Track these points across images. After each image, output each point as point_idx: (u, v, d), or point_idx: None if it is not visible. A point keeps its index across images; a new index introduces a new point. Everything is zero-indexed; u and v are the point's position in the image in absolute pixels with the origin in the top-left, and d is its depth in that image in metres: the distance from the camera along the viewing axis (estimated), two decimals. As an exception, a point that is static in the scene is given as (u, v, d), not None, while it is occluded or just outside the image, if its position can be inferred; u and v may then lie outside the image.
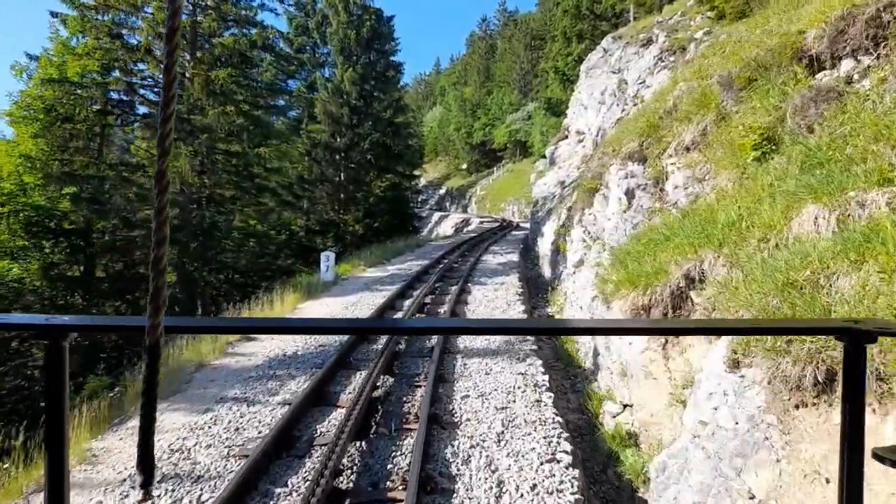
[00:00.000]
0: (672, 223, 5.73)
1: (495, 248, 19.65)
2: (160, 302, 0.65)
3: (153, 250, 0.64)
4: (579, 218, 9.22)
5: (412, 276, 12.76)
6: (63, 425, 0.84)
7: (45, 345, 0.83)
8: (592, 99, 22.51)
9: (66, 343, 0.84)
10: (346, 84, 29.47)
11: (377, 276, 13.45)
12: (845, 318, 1.08)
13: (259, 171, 20.22)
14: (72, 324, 0.87)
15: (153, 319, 0.64)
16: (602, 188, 8.58)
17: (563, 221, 14.71)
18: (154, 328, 0.65)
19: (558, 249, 13.55)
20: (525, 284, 12.24)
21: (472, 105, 72.87)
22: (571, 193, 17.48)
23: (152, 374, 0.67)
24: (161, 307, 0.65)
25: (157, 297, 0.64)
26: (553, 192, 22.35)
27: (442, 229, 53.17)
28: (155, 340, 0.65)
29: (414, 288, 11.38)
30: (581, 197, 9.22)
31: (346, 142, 29.07)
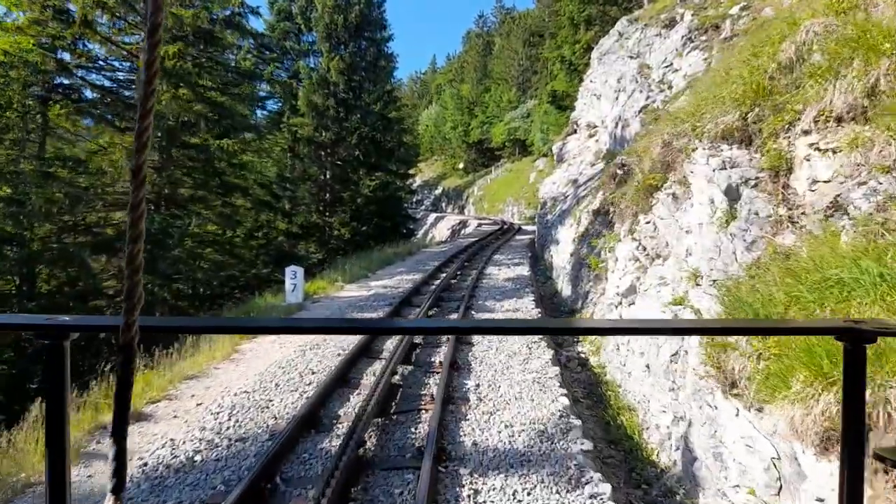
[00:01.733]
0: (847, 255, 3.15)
1: (499, 256, 17.04)
2: (135, 300, 0.63)
3: (127, 247, 0.62)
4: (628, 227, 6.62)
5: (400, 296, 10.17)
6: (64, 425, 0.84)
7: (46, 345, 0.83)
8: (607, 87, 19.94)
9: (66, 343, 0.84)
10: (333, 74, 26.79)
11: (356, 298, 10.81)
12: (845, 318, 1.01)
13: (224, 167, 17.50)
14: (73, 324, 0.87)
15: (128, 318, 0.63)
16: (669, 184, 6.00)
17: (586, 227, 12.13)
18: (128, 327, 0.64)
19: (584, 263, 10.95)
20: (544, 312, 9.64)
21: (468, 103, 70.40)
22: (591, 193, 14.90)
23: (126, 375, 0.66)
24: (136, 305, 0.63)
25: (131, 295, 0.63)
26: (563, 192, 19.77)
27: (438, 231, 50.66)
28: (129, 340, 0.64)
29: (401, 317, 8.78)
30: (633, 198, 6.60)
31: (331, 136, 26.39)
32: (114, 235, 14.37)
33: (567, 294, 11.59)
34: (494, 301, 9.65)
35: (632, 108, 16.26)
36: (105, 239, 13.98)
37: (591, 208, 12.66)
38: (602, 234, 10.80)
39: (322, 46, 27.13)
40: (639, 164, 11.64)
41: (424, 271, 13.75)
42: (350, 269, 14.31)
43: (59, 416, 0.84)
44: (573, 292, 11.24)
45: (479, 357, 6.41)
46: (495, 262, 15.45)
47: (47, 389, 0.83)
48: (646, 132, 14.42)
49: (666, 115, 8.70)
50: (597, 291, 8.86)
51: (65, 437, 0.84)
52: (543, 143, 51.44)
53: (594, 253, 9.88)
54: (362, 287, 12.04)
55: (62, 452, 0.84)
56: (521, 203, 52.94)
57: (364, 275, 13.76)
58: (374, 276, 13.58)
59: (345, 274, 13.29)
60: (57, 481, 0.83)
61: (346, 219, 25.86)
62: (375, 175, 26.70)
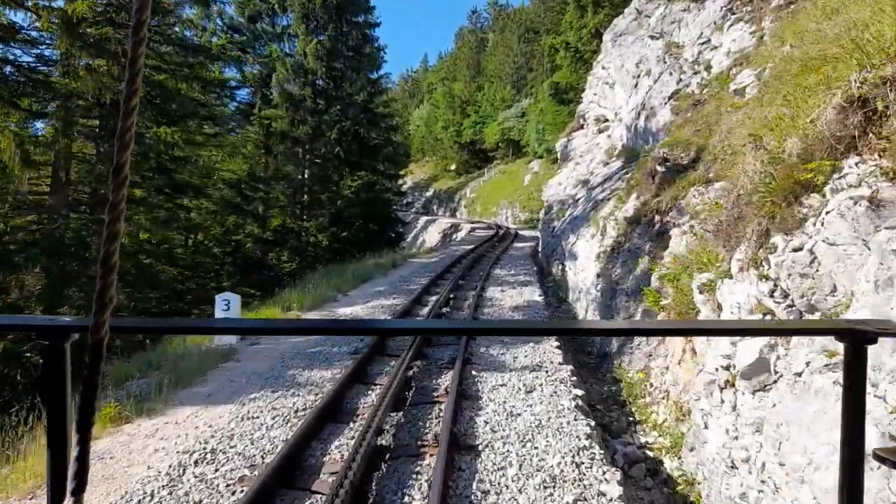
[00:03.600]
0: None
1: (500, 271, 14.20)
2: (106, 300, 0.62)
3: (103, 246, 0.61)
4: (748, 254, 3.79)
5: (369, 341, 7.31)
6: (65, 427, 0.84)
7: (46, 346, 0.83)
8: (623, 73, 17.21)
9: (66, 344, 0.84)
10: (310, 60, 23.86)
11: (316, 336, 7.92)
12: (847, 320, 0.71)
13: (170, 162, 14.51)
14: (73, 324, 0.86)
15: (98, 318, 0.62)
16: (835, 183, 3.18)
17: (617, 240, 9.33)
18: (98, 327, 0.62)
19: (620, 290, 8.14)
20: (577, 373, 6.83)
21: (461, 101, 67.73)
22: (613, 196, 12.12)
23: (93, 375, 0.64)
24: (107, 305, 0.62)
25: (103, 294, 0.62)
26: (572, 194, 17.00)
27: (429, 236, 47.83)
28: (98, 340, 0.63)
29: (366, 380, 5.89)
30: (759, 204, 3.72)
31: (308, 131, 23.43)
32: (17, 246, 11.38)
33: (595, 329, 8.78)
34: (503, 350, 6.79)
35: (659, 93, 13.53)
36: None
37: (622, 215, 9.87)
38: (646, 252, 8.00)
39: (298, 29, 24.19)
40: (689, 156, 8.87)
41: (409, 293, 10.88)
42: (316, 288, 11.40)
43: (60, 418, 0.84)
44: (605, 327, 8.42)
45: (494, 462, 3.61)
46: (496, 280, 12.60)
47: (48, 391, 0.83)
48: (683, 121, 11.69)
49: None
50: (663, 351, 6.02)
51: (67, 439, 0.84)
52: (539, 143, 48.93)
53: (646, 282, 7.07)
54: (325, 317, 9.15)
55: (63, 454, 0.83)
56: (516, 206, 50.39)
57: (332, 297, 10.85)
58: (343, 300, 10.68)
59: (306, 297, 10.38)
60: (58, 483, 0.83)
61: (324, 223, 22.91)
62: (358, 175, 23.77)
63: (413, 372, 6.07)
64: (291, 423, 4.69)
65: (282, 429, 4.58)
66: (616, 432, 5.30)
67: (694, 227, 6.98)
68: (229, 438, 4.39)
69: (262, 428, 4.61)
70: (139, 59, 0.60)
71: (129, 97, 0.60)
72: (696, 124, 10.17)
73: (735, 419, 3.88)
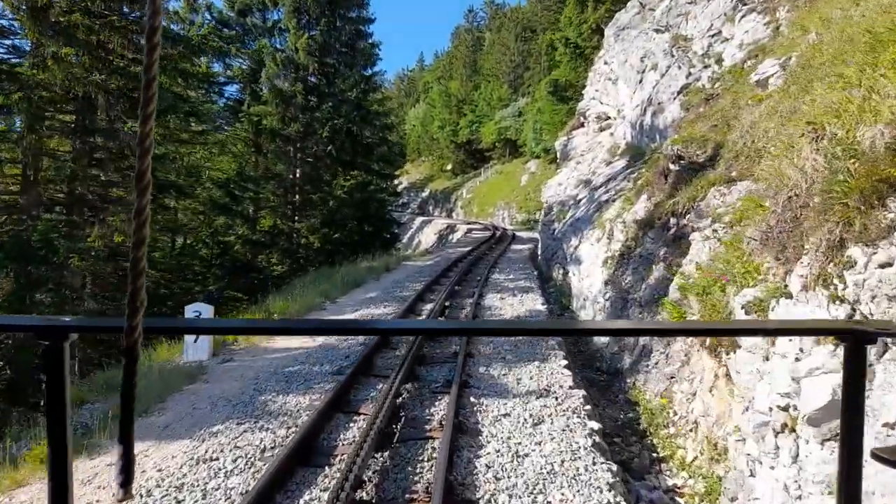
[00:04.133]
0: None
1: (498, 276, 13.46)
2: (138, 303, 0.63)
3: (132, 252, 0.63)
4: (814, 269, 3.06)
5: (358, 354, 6.57)
6: (65, 426, 0.83)
7: (46, 346, 0.83)
8: (627, 68, 16.51)
9: (66, 344, 0.84)
10: (301, 55, 23.04)
11: (293, 353, 7.14)
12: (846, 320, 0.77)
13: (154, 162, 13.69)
14: (72, 325, 0.86)
15: (131, 321, 0.64)
16: None
17: (626, 244, 8.60)
18: (132, 330, 0.64)
19: (632, 300, 7.42)
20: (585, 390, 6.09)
21: (457, 101, 66.98)
22: (618, 197, 11.40)
23: (130, 377, 0.66)
24: (139, 308, 0.64)
25: (135, 298, 0.63)
26: (574, 194, 16.28)
27: (424, 237, 47.12)
28: (133, 342, 0.65)
29: (348, 408, 5.12)
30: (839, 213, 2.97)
31: (299, 128, 22.63)
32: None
33: (605, 342, 8.03)
34: (505, 370, 6.04)
35: (668, 88, 12.82)
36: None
37: (630, 217, 9.14)
38: (661, 258, 7.28)
39: (289, 23, 23.36)
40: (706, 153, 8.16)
41: (401, 300, 10.12)
42: (302, 294, 10.63)
43: (60, 418, 0.84)
44: (615, 340, 7.67)
45: None
46: (494, 286, 11.85)
47: (47, 391, 0.83)
48: (695, 116, 10.98)
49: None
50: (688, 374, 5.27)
51: (66, 439, 0.83)
52: (536, 143, 48.29)
53: (662, 291, 6.34)
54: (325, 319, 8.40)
55: (63, 454, 0.83)
56: (513, 207, 49.73)
57: (319, 304, 10.07)
58: (331, 308, 9.91)
59: (291, 304, 9.60)
60: (59, 483, 0.82)
61: (316, 224, 22.08)
62: (351, 174, 22.96)
63: (403, 398, 5.31)
64: (255, 467, 3.93)
65: (242, 475, 3.81)
66: (638, 471, 4.55)
67: (717, 232, 6.27)
68: (177, 490, 3.61)
69: (220, 474, 3.83)
70: (154, 64, 0.61)
71: (147, 103, 0.60)
72: (711, 119, 9.45)
73: (797, 473, 3.14)
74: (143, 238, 0.63)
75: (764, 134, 7.14)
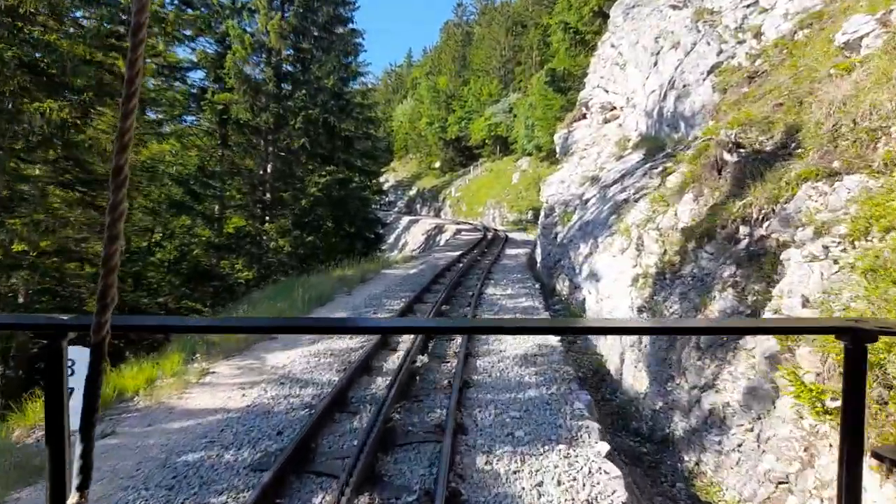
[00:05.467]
0: None
1: (494, 290, 11.33)
2: (108, 300, 0.63)
3: (104, 247, 0.62)
4: None
5: (305, 413, 4.42)
6: (63, 424, 0.84)
7: (45, 344, 0.84)
8: (639, 51, 14.48)
9: (64, 342, 0.84)
10: (272, 38, 20.75)
11: (213, 420, 4.96)
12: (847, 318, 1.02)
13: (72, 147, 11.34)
14: (71, 323, 0.86)
15: (99, 317, 0.63)
16: None
17: (671, 260, 6.55)
18: (100, 326, 0.63)
19: (707, 344, 5.35)
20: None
21: (446, 96, 64.88)
22: (641, 196, 9.34)
23: (95, 375, 0.65)
24: (109, 305, 0.63)
25: (105, 294, 0.63)
26: (579, 193, 14.23)
27: (411, 237, 44.94)
28: (100, 339, 0.64)
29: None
30: None
31: (269, 118, 20.32)
32: None
33: (641, 392, 5.95)
34: (513, 456, 3.94)
35: (695, 68, 10.80)
36: None
37: (667, 222, 7.09)
38: (725, 281, 5.22)
39: (259, 3, 21.02)
40: (775, 139, 6.13)
41: (373, 326, 7.98)
42: (252, 309, 8.40)
43: (59, 415, 0.84)
44: (659, 392, 5.60)
45: None
46: (491, 305, 9.72)
47: (46, 388, 0.83)
48: (738, 97, 8.96)
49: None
50: (816, 482, 3.23)
51: (65, 436, 0.84)
52: (528, 140, 46.40)
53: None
54: (242, 374, 6.18)
55: (62, 451, 0.83)
56: (503, 206, 47.82)
57: (254, 340, 7.86)
58: (281, 338, 7.70)
59: (228, 336, 7.39)
60: (57, 479, 0.83)
61: (286, 225, 19.80)
62: (327, 169, 20.70)
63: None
64: None
65: None
66: None
67: (830, 250, 4.23)
68: None
69: None
70: (138, 60, 0.60)
71: (128, 98, 0.60)
72: (767, 99, 7.43)
73: None
74: (116, 234, 0.62)
75: (873, 110, 5.12)
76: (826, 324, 1.19)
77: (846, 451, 0.92)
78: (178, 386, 5.69)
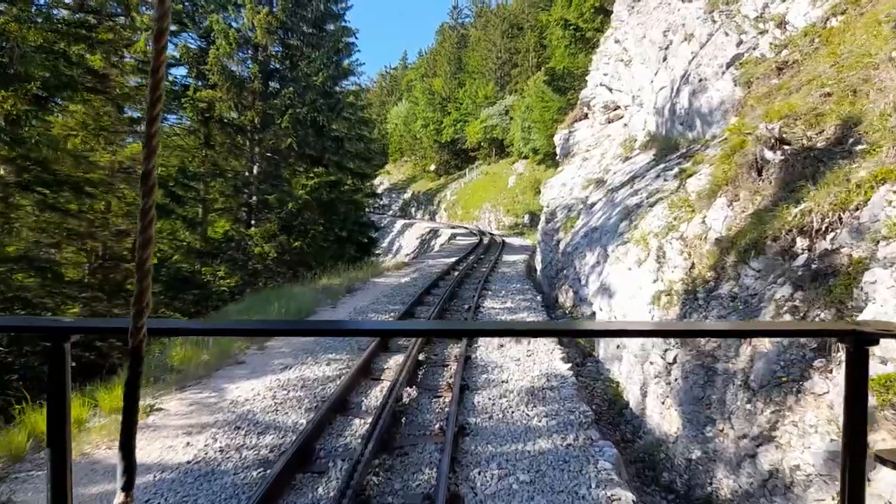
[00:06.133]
0: None
1: (493, 304, 10.35)
2: (143, 304, 0.62)
3: (137, 252, 0.61)
4: None
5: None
6: (65, 426, 0.83)
7: (48, 346, 0.82)
8: (647, 46, 13.57)
9: (67, 345, 0.83)
10: (259, 33, 19.74)
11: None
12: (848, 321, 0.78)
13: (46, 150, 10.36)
14: (74, 325, 0.85)
15: (136, 321, 0.62)
16: None
17: (698, 274, 5.60)
18: (137, 330, 0.62)
19: (760, 384, 4.37)
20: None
21: (441, 98, 64.09)
22: (656, 201, 8.39)
23: (135, 377, 0.64)
24: (144, 309, 0.62)
25: (140, 299, 0.62)
26: (582, 197, 13.28)
27: (405, 241, 43.94)
28: (138, 343, 0.63)
29: None
30: None
31: (255, 117, 19.29)
32: None
33: (672, 434, 4.98)
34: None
35: (712, 61, 9.88)
36: None
37: (694, 231, 6.15)
38: (781, 306, 4.25)
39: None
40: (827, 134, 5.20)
41: (356, 351, 6.98)
42: (203, 343, 7.35)
43: (61, 417, 0.82)
44: (695, 437, 4.63)
45: None
46: (489, 314, 8.73)
47: (49, 390, 0.82)
48: (768, 89, 8.04)
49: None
50: None
51: (66, 438, 0.82)
52: (525, 142, 45.61)
53: (795, 369, 3.31)
54: (193, 412, 5.16)
55: (63, 453, 0.82)
56: (500, 210, 46.94)
57: (235, 355, 6.85)
58: (248, 363, 6.67)
59: (194, 355, 6.37)
60: (59, 481, 0.81)
61: (272, 230, 18.74)
62: (315, 171, 19.68)
63: None
64: None
65: None
66: None
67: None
68: None
69: None
70: (161, 66, 0.60)
71: (153, 104, 0.60)
72: (806, 91, 6.50)
73: None
74: (149, 238, 0.61)
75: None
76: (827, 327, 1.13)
77: (849, 453, 0.90)
78: (111, 429, 4.66)
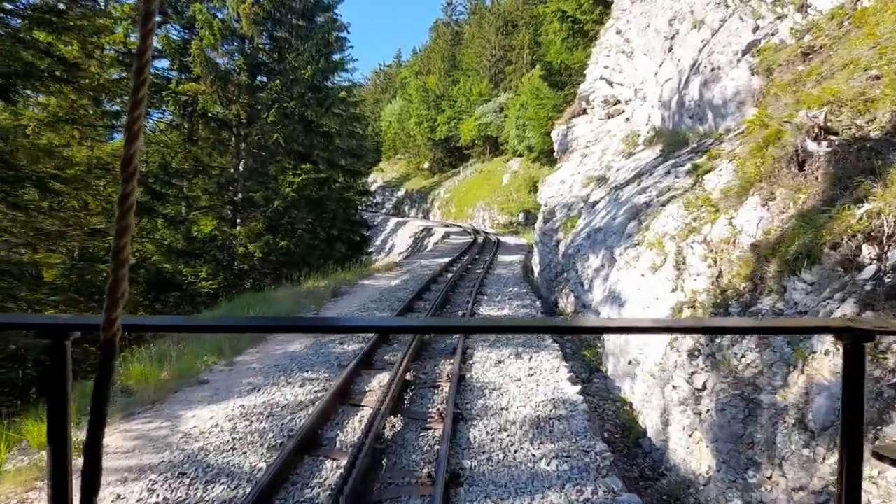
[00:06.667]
0: None
1: (490, 310, 9.58)
2: (118, 295, 0.60)
3: (114, 240, 0.59)
4: None
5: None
6: (66, 424, 0.82)
7: (48, 344, 0.82)
8: (651, 35, 12.84)
9: (68, 342, 0.82)
10: (244, 23, 18.87)
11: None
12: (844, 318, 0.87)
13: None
14: (74, 323, 0.85)
15: (109, 314, 0.60)
16: None
17: (727, 284, 4.83)
18: (110, 323, 0.60)
19: (820, 425, 3.59)
20: None
21: (435, 96, 63.24)
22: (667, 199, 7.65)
23: (106, 375, 0.62)
24: (119, 301, 0.60)
25: (115, 290, 0.60)
26: (582, 195, 12.53)
27: (398, 239, 43.11)
28: (110, 336, 0.60)
29: None
30: None
31: (239, 111, 18.42)
32: None
33: (703, 474, 4.23)
34: None
35: (726, 48, 9.15)
36: None
37: (719, 234, 5.41)
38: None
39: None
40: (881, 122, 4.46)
41: (335, 368, 6.20)
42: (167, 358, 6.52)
43: (61, 416, 0.82)
44: (734, 482, 3.88)
45: None
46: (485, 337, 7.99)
47: (49, 389, 0.82)
48: (792, 77, 7.31)
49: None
50: None
51: (66, 437, 0.82)
52: (519, 140, 44.87)
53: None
54: (135, 451, 4.36)
55: (64, 451, 0.81)
56: (494, 208, 46.22)
57: (194, 377, 6.04)
58: (212, 387, 5.86)
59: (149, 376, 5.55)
60: (59, 480, 0.81)
61: (258, 229, 17.88)
62: (303, 168, 18.83)
63: None
64: None
65: None
66: None
67: None
68: None
69: None
70: (147, 50, 0.58)
71: (137, 88, 0.59)
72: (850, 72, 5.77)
73: None
74: (126, 226, 0.59)
75: None
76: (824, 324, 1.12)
77: (847, 451, 0.91)
78: (29, 476, 3.84)
